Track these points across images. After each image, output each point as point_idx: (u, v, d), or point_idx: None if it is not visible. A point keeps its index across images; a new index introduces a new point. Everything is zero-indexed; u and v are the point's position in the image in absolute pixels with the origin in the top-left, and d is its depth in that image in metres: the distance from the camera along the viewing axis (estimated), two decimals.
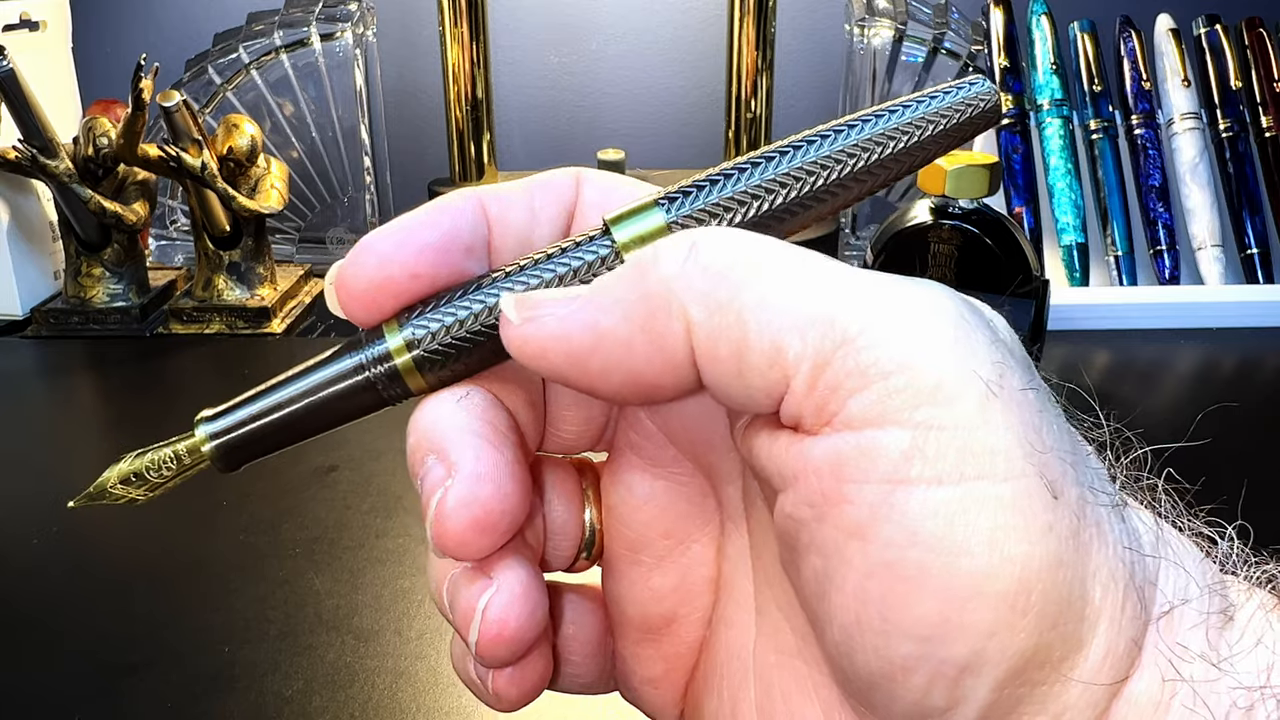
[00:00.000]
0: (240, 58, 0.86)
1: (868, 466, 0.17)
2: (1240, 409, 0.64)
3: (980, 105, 0.20)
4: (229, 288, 0.77)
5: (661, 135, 0.99)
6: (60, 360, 0.72)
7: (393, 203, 0.92)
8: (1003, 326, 0.19)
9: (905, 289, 0.18)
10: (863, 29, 0.86)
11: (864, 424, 0.17)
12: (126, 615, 0.45)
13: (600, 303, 0.19)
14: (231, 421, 0.21)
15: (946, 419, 0.17)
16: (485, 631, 0.20)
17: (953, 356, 0.17)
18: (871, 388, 0.17)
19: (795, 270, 0.18)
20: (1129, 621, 0.17)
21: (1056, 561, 0.16)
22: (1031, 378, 0.18)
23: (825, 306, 0.17)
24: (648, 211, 0.20)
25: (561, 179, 0.22)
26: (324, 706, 0.39)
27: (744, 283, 0.18)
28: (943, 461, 0.16)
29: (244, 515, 0.52)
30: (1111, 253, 0.79)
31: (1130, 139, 0.81)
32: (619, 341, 0.19)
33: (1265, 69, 0.80)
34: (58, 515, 0.53)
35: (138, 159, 0.72)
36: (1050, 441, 0.17)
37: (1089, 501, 0.17)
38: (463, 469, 0.19)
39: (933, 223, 0.57)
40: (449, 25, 0.83)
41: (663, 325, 0.18)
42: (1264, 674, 0.17)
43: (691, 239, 0.19)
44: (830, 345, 0.17)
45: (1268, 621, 0.18)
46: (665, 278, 0.18)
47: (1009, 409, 0.17)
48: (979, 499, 0.16)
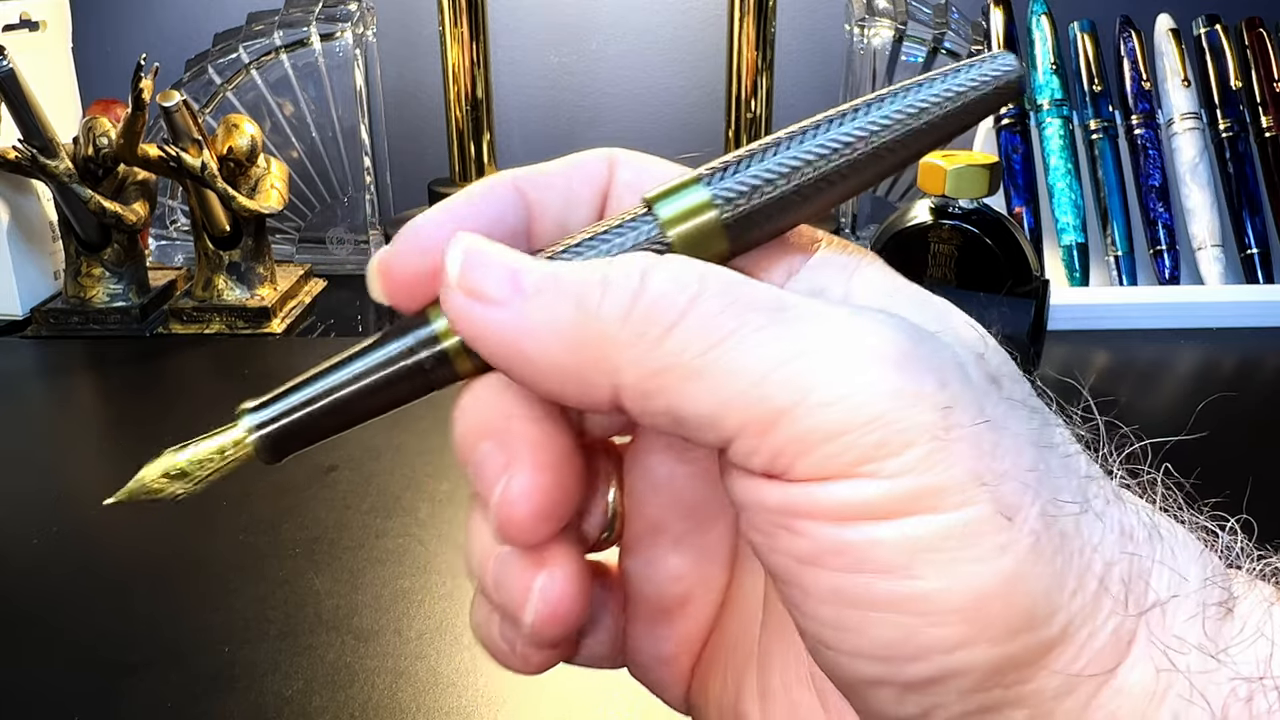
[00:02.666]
0: (240, 58, 0.86)
1: (815, 508, 0.17)
2: (1240, 408, 0.64)
3: (1005, 78, 0.20)
4: (229, 288, 0.77)
5: (661, 135, 0.99)
6: (60, 360, 0.72)
7: (393, 203, 0.92)
8: (969, 343, 0.19)
9: (848, 334, 0.18)
10: (863, 29, 0.86)
11: (809, 478, 0.17)
12: (126, 615, 0.45)
13: (532, 321, 0.18)
14: (276, 411, 0.21)
15: (892, 469, 0.17)
16: (541, 613, 0.20)
17: (894, 411, 0.17)
18: (815, 451, 0.17)
19: (730, 328, 0.18)
20: (1106, 617, 0.17)
21: (1013, 576, 0.17)
22: (985, 407, 0.18)
23: (758, 376, 0.17)
24: (689, 188, 0.20)
25: (594, 160, 0.22)
26: (324, 706, 0.39)
27: (681, 348, 0.18)
28: (890, 503, 0.17)
29: (244, 515, 0.52)
30: (1111, 253, 0.79)
31: (1130, 139, 0.81)
32: (538, 370, 0.19)
33: (1265, 69, 0.80)
34: (58, 515, 0.53)
35: (138, 159, 0.72)
36: (1006, 465, 0.17)
37: (1053, 514, 0.17)
38: (524, 457, 0.19)
39: (933, 223, 0.57)
40: (449, 25, 0.83)
41: (589, 376, 0.18)
42: (1263, 664, 0.17)
43: (640, 277, 0.18)
44: (769, 415, 0.17)
45: (1269, 614, 0.18)
46: (604, 328, 0.18)
47: (956, 447, 0.17)
48: (927, 529, 0.17)
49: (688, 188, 0.20)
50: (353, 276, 0.87)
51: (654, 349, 0.18)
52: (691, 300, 0.18)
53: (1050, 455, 0.18)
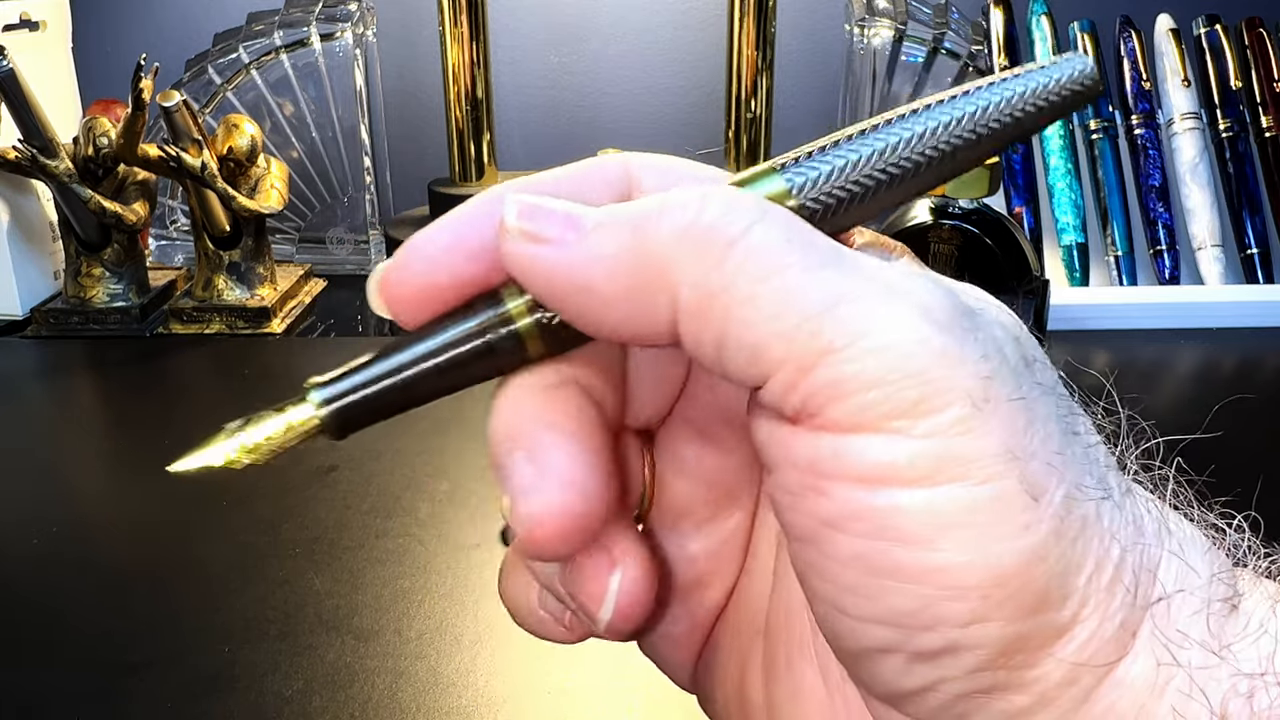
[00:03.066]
0: (240, 58, 0.86)
1: (843, 467, 0.17)
2: (1241, 408, 0.64)
3: (1084, 84, 0.20)
4: (229, 288, 0.77)
5: (661, 135, 0.99)
6: (60, 360, 0.72)
7: (393, 203, 0.92)
8: (1006, 326, 0.19)
9: (900, 290, 0.18)
10: (863, 29, 0.86)
11: (841, 428, 0.17)
12: (126, 615, 0.45)
13: (594, 252, 0.18)
14: (344, 388, 0.20)
15: (925, 430, 0.17)
16: (621, 610, 0.20)
17: (938, 370, 0.17)
18: (852, 398, 0.17)
19: (791, 260, 0.17)
20: (1117, 608, 0.17)
21: (1034, 557, 0.17)
22: (1021, 385, 0.18)
23: (813, 310, 0.17)
24: (767, 178, 0.20)
25: (610, 165, 0.22)
26: (324, 706, 0.39)
27: (738, 270, 0.17)
28: (918, 467, 0.17)
29: (244, 515, 0.52)
30: (1111, 253, 0.79)
31: (1130, 139, 0.81)
32: (602, 300, 0.18)
33: (1265, 69, 0.80)
34: (58, 515, 0.53)
35: (138, 159, 0.72)
36: (1035, 445, 0.17)
37: (1076, 498, 0.17)
38: (553, 474, 0.19)
39: (933, 223, 0.57)
40: (449, 25, 0.83)
41: (649, 297, 0.18)
42: (1266, 661, 0.17)
43: (701, 200, 0.18)
44: (814, 353, 0.17)
45: (1274, 610, 0.18)
46: (663, 246, 0.18)
47: (992, 419, 0.17)
48: (953, 500, 0.17)
49: (766, 176, 0.20)
50: (353, 276, 0.88)
51: (713, 268, 0.17)
52: (752, 224, 0.18)
53: (1075, 442, 0.18)
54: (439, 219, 0.20)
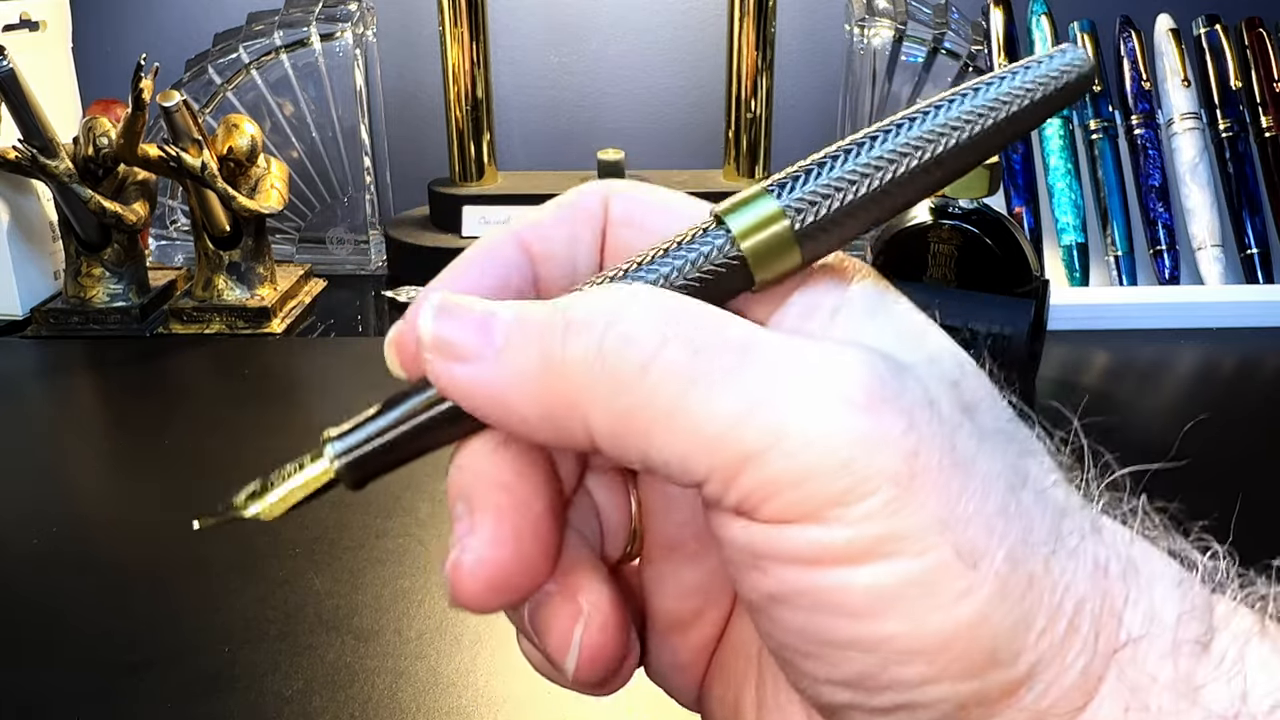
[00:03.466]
0: (240, 58, 0.86)
1: (782, 551, 0.18)
2: (1240, 409, 0.64)
3: (1076, 72, 0.20)
4: (229, 288, 0.77)
5: (661, 135, 0.99)
6: (60, 360, 0.72)
7: (393, 203, 0.92)
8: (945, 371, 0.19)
9: (816, 376, 0.18)
10: (863, 29, 0.86)
11: (777, 521, 0.17)
12: (126, 615, 0.45)
13: (506, 374, 0.19)
14: (358, 439, 0.21)
15: (857, 516, 0.17)
16: (583, 663, 0.21)
17: (860, 456, 0.17)
18: (781, 496, 0.17)
19: (700, 374, 0.18)
20: (1076, 656, 0.17)
21: (976, 620, 0.17)
22: (957, 443, 0.18)
23: (729, 422, 0.17)
24: (760, 200, 0.20)
25: (590, 199, 0.22)
26: (324, 706, 0.39)
27: (650, 396, 0.18)
28: (855, 547, 0.17)
29: None
30: (1111, 253, 0.79)
31: (1130, 139, 0.81)
32: (521, 418, 0.19)
33: (1265, 69, 0.80)
34: (58, 515, 0.53)
35: (138, 159, 0.72)
36: (972, 508, 0.17)
37: (1020, 557, 0.17)
38: (484, 530, 0.20)
39: (933, 223, 0.57)
40: (449, 25, 0.83)
41: (565, 422, 0.18)
42: (1237, 701, 0.17)
43: (605, 321, 0.18)
44: (737, 462, 0.17)
45: (1246, 648, 0.18)
46: (570, 374, 0.18)
47: (921, 493, 0.17)
48: (890, 575, 0.17)
49: (758, 199, 0.20)
50: (353, 276, 0.88)
51: (621, 395, 0.18)
52: (657, 347, 0.18)
53: (1023, 491, 0.18)
54: (444, 270, 0.21)
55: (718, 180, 0.89)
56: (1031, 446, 0.19)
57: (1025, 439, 0.19)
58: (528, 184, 0.87)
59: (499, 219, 0.84)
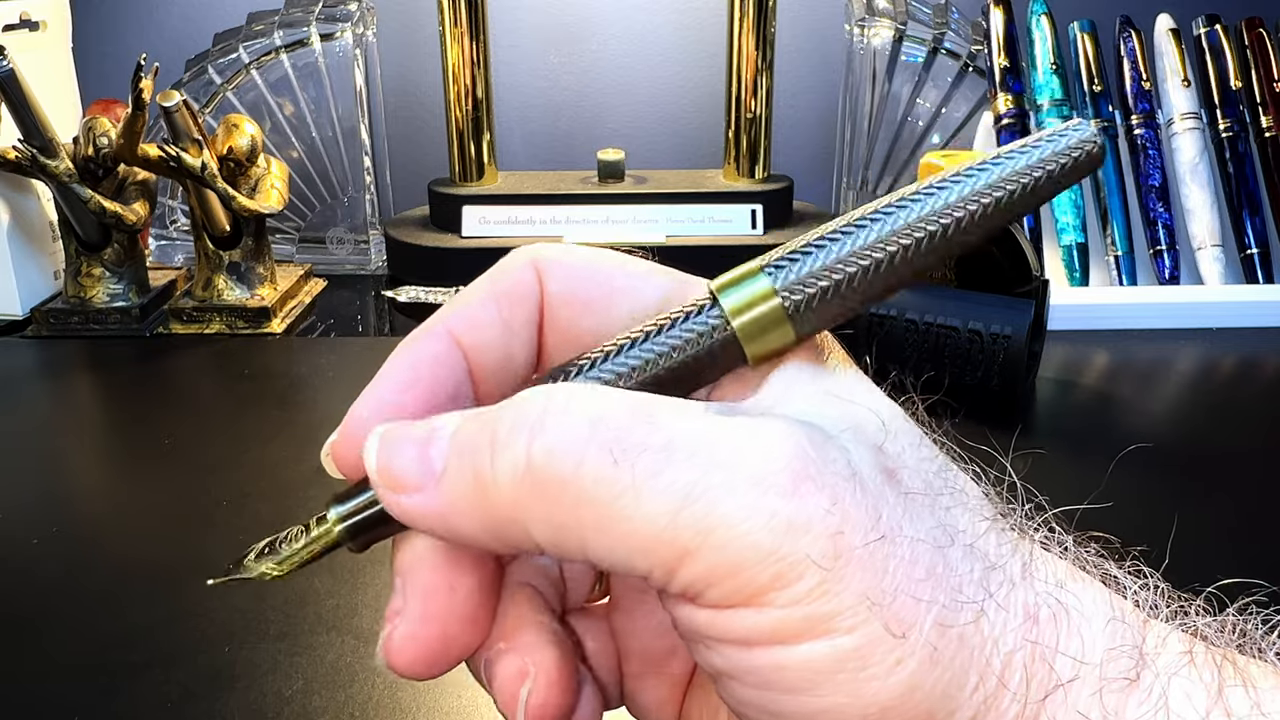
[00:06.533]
0: (240, 58, 0.86)
1: (723, 633, 0.19)
2: (1240, 410, 0.64)
3: (1085, 151, 0.20)
4: (229, 287, 0.77)
5: (661, 135, 0.99)
6: (60, 360, 0.72)
7: (393, 203, 0.92)
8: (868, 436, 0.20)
9: (740, 465, 0.18)
10: (863, 29, 0.86)
11: (717, 607, 0.19)
12: (126, 615, 0.45)
13: (447, 501, 0.20)
14: (359, 503, 0.22)
15: (786, 600, 0.18)
16: (530, 718, 0.22)
17: (785, 545, 0.18)
18: (717, 587, 0.18)
19: (626, 479, 0.18)
20: (1009, 704, 0.18)
21: (910, 687, 0.18)
22: (881, 516, 0.18)
23: (661, 524, 0.18)
24: (754, 279, 0.20)
25: (521, 275, 0.23)
26: (324, 706, 0.39)
27: (580, 508, 0.18)
28: (788, 628, 0.18)
29: (244, 515, 0.52)
30: (1111, 253, 0.79)
31: (1130, 139, 0.81)
32: (470, 538, 0.20)
33: (1265, 69, 0.80)
34: (58, 515, 0.53)
35: (138, 159, 0.72)
36: (898, 582, 0.18)
37: (949, 621, 0.18)
38: (413, 609, 0.21)
39: None
40: (449, 25, 0.83)
41: (508, 537, 0.20)
42: None
43: (528, 434, 0.19)
44: (673, 559, 0.18)
45: (1171, 681, 0.18)
46: (502, 495, 0.19)
47: (846, 572, 0.18)
48: (824, 653, 0.18)
49: (753, 278, 0.20)
50: (353, 276, 0.88)
51: (553, 509, 0.19)
52: (579, 460, 0.18)
53: (951, 550, 0.19)
54: (372, 381, 0.22)
55: (718, 180, 0.89)
56: (961, 496, 0.20)
57: (954, 490, 0.20)
58: (528, 184, 0.87)
59: (499, 219, 0.84)
